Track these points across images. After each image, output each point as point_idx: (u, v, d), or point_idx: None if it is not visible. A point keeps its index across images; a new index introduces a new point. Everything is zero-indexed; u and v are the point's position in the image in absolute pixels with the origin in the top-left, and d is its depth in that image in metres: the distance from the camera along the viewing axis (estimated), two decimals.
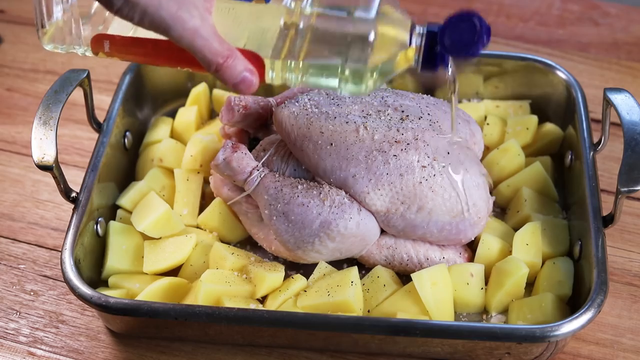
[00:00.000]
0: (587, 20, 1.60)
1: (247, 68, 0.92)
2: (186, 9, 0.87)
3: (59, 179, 1.10)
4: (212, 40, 0.89)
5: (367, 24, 0.92)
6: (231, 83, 0.92)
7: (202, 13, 0.89)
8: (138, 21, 0.87)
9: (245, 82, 0.93)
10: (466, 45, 0.93)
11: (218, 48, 0.90)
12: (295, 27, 0.93)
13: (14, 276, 1.19)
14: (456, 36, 0.93)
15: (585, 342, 1.11)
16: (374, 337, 1.04)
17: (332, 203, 1.09)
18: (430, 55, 0.95)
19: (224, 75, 0.91)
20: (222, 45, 0.90)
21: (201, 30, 0.88)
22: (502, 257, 1.14)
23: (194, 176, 1.24)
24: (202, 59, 0.90)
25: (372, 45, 0.92)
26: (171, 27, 0.87)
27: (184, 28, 0.88)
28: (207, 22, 0.89)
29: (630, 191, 1.04)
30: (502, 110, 1.34)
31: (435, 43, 0.94)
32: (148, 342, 1.11)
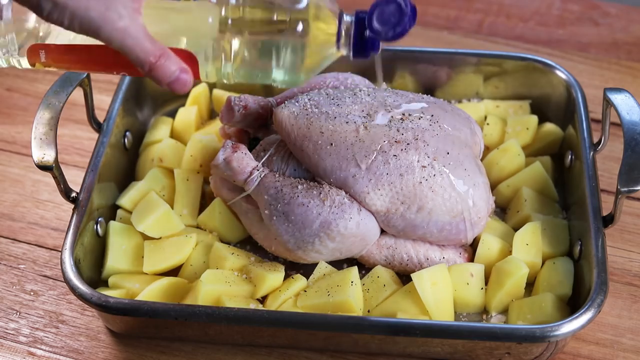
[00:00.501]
0: (587, 20, 1.60)
1: (180, 67, 0.92)
2: (114, 9, 0.87)
3: (59, 179, 1.10)
4: (142, 39, 0.89)
5: (298, 15, 0.93)
6: (165, 82, 0.92)
7: (130, 13, 0.89)
8: (68, 25, 0.87)
9: (179, 81, 0.92)
10: (394, 26, 0.94)
11: (149, 47, 0.90)
12: (228, 23, 0.93)
13: (14, 276, 1.19)
14: (384, 19, 0.95)
15: (585, 342, 1.11)
16: (374, 337, 1.04)
17: (332, 203, 1.09)
18: (361, 42, 0.97)
19: (157, 74, 0.91)
20: (153, 44, 0.90)
21: (130, 30, 0.88)
22: (502, 257, 1.14)
23: (194, 176, 1.24)
24: (135, 59, 0.90)
25: (304, 37, 0.93)
26: (100, 28, 0.87)
27: (113, 28, 0.87)
28: (137, 22, 0.89)
29: (630, 191, 1.04)
30: (502, 110, 1.34)
31: (365, 28, 0.96)
32: (148, 342, 1.11)
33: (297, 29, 0.93)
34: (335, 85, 1.24)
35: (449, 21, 1.60)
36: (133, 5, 0.89)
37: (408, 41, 1.53)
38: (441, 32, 1.57)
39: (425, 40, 1.55)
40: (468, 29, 1.58)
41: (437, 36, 1.56)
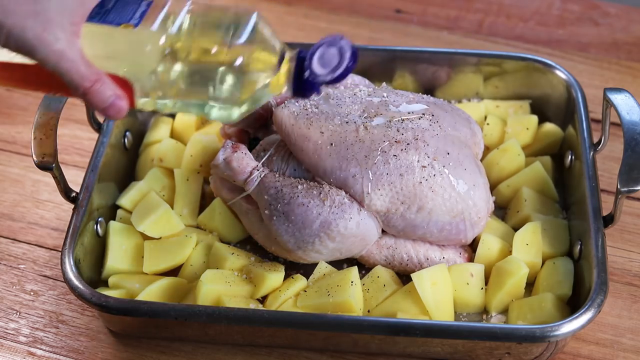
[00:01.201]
0: (587, 20, 1.60)
1: (115, 93, 0.91)
2: (52, 31, 0.87)
3: (59, 179, 1.10)
4: (78, 63, 0.89)
5: (238, 50, 0.91)
6: (99, 108, 0.91)
7: (68, 36, 0.88)
8: (4, 43, 0.87)
9: (113, 108, 0.91)
10: (334, 70, 0.93)
11: (85, 72, 0.89)
12: (166, 54, 0.91)
13: (14, 276, 1.19)
14: (324, 61, 0.93)
15: (585, 342, 1.11)
16: (374, 337, 1.04)
17: (332, 203, 1.09)
18: (300, 82, 0.95)
19: (92, 99, 0.90)
20: (89, 69, 0.89)
21: (67, 53, 0.88)
22: (502, 257, 1.14)
23: (194, 176, 1.24)
24: (69, 82, 0.89)
25: (242, 72, 0.91)
26: (36, 49, 0.87)
27: (49, 50, 0.87)
28: (74, 46, 0.89)
29: (630, 191, 1.04)
30: (502, 110, 1.34)
31: (305, 69, 0.94)
32: (148, 342, 1.11)
33: (235, 64, 0.91)
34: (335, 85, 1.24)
35: (449, 21, 1.60)
36: (71, 29, 0.89)
37: (408, 41, 1.55)
38: (441, 32, 1.57)
39: (425, 40, 1.55)
40: (468, 29, 1.58)
41: (437, 36, 1.56)
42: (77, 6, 0.89)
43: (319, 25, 1.58)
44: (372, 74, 1.31)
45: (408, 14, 1.61)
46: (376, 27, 1.58)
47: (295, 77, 0.94)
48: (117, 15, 0.91)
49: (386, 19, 1.60)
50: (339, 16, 1.60)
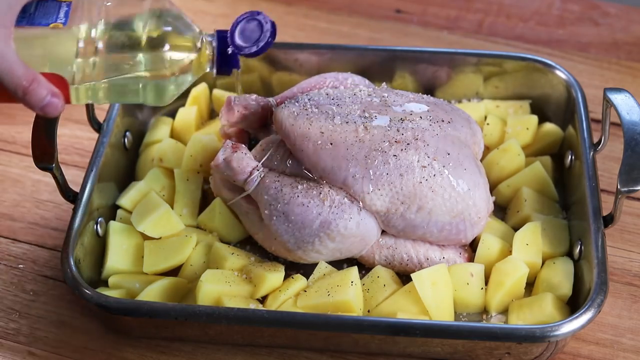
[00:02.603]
0: (587, 20, 1.60)
1: (51, 91, 0.94)
2: None
3: (59, 179, 1.10)
4: (16, 64, 0.91)
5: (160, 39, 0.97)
6: (37, 107, 0.94)
7: (3, 38, 0.91)
8: None
9: (51, 105, 0.95)
10: (256, 42, 1.02)
11: (22, 72, 0.92)
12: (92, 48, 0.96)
13: (14, 276, 1.19)
14: (245, 36, 1.02)
15: (585, 342, 1.11)
16: (374, 337, 1.04)
17: (332, 203, 1.09)
18: (223, 59, 1.02)
19: (30, 99, 0.93)
20: (25, 69, 0.92)
21: (4, 54, 0.91)
22: (502, 257, 1.14)
23: (194, 176, 1.24)
24: (8, 83, 0.92)
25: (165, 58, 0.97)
26: None
27: None
28: (9, 47, 0.91)
29: (630, 191, 1.04)
30: (502, 110, 1.34)
31: (227, 45, 1.02)
32: (148, 342, 1.11)
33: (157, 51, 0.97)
34: (335, 85, 1.24)
35: (449, 21, 1.60)
36: (4, 32, 0.91)
37: (408, 41, 1.55)
38: (441, 32, 1.57)
39: (425, 40, 1.55)
40: (468, 29, 1.58)
41: (437, 36, 1.56)
42: (6, 12, 0.92)
43: (319, 25, 1.59)
44: (372, 74, 1.31)
45: (408, 14, 1.61)
46: (376, 27, 1.58)
47: (218, 55, 1.02)
48: (43, 17, 0.96)
49: (386, 19, 1.60)
50: (339, 16, 1.60)
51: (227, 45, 1.02)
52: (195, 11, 1.62)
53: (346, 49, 1.35)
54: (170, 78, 0.98)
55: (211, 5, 1.63)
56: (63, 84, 0.96)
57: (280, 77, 1.36)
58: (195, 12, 1.62)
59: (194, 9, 1.62)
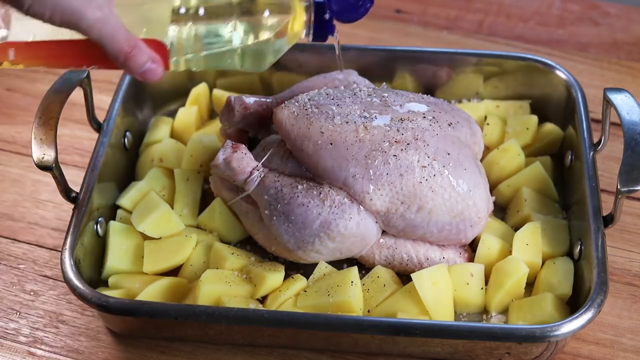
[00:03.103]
0: (587, 20, 1.60)
1: (151, 57, 0.95)
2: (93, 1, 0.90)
3: (59, 179, 1.10)
4: (119, 29, 0.92)
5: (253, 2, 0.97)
6: (138, 72, 0.95)
7: (107, 3, 0.92)
8: (49, 16, 0.89)
9: (151, 71, 0.95)
10: (353, 8, 1.00)
11: (125, 36, 0.93)
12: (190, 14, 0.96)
13: (14, 276, 1.19)
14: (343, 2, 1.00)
15: (585, 342, 1.11)
16: (374, 337, 1.04)
17: (332, 203, 1.09)
18: (319, 24, 1.01)
19: (131, 64, 0.94)
20: (127, 35, 0.93)
21: (109, 20, 0.91)
22: (502, 257, 1.14)
23: (194, 176, 1.24)
24: (111, 49, 0.92)
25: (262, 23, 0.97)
26: (81, 18, 0.90)
27: (93, 19, 0.90)
28: (113, 13, 0.92)
29: (630, 191, 1.04)
30: (502, 110, 1.34)
31: (324, 11, 1.00)
32: (148, 342, 1.11)
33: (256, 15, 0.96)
34: (335, 85, 1.24)
35: (449, 21, 1.60)
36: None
37: (408, 41, 1.55)
38: (441, 32, 1.57)
39: (425, 40, 1.55)
40: (468, 29, 1.58)
41: (437, 36, 1.56)
42: None
43: None
44: (372, 74, 1.31)
45: (408, 14, 1.61)
46: (376, 27, 1.58)
47: (315, 20, 1.00)
48: None
49: (386, 19, 1.60)
50: None
51: (324, 11, 1.00)
52: None
53: (346, 49, 1.35)
54: (268, 43, 0.97)
55: None
56: (163, 51, 0.96)
57: (280, 77, 1.36)
58: None
59: None
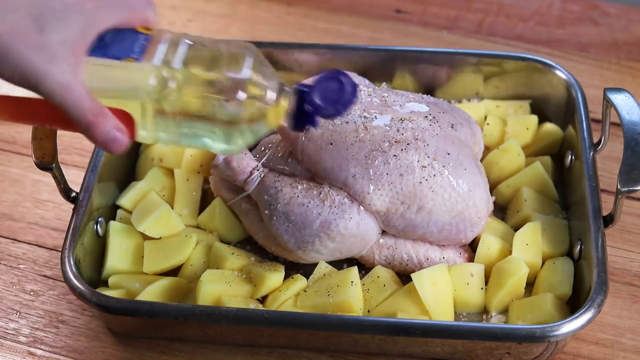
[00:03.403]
0: (587, 20, 1.60)
1: (116, 126, 0.90)
2: (57, 63, 0.85)
3: (59, 179, 1.10)
4: (83, 96, 0.87)
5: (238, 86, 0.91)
6: (101, 141, 0.90)
7: (72, 69, 0.86)
8: (8, 76, 0.84)
9: (115, 141, 0.90)
10: (334, 103, 0.94)
11: (89, 104, 0.87)
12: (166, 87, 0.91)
13: (14, 276, 1.19)
14: (324, 95, 0.94)
15: (585, 342, 1.11)
16: (374, 337, 1.04)
17: (332, 203, 1.09)
18: (300, 115, 0.95)
19: (94, 133, 0.89)
20: (92, 102, 0.88)
21: (72, 85, 0.86)
22: (502, 257, 1.14)
23: (194, 176, 1.24)
24: (73, 116, 0.88)
25: (243, 107, 0.91)
26: (42, 82, 0.85)
27: (54, 83, 0.85)
28: (78, 78, 0.87)
29: (630, 191, 1.04)
30: (502, 110, 1.34)
31: (305, 102, 0.95)
32: (148, 342, 1.11)
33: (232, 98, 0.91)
34: None
35: (449, 21, 1.60)
36: (75, 61, 0.87)
37: (408, 41, 1.55)
38: (441, 32, 1.57)
39: (425, 40, 1.55)
40: (468, 29, 1.58)
41: (437, 36, 1.56)
42: (79, 39, 0.87)
43: (319, 25, 1.58)
44: (372, 74, 1.31)
45: (408, 14, 1.61)
46: (376, 27, 1.58)
47: (295, 111, 0.95)
48: (117, 49, 0.90)
49: (386, 19, 1.60)
50: (339, 16, 1.60)
51: (305, 102, 0.95)
52: (195, 11, 1.62)
53: (346, 49, 1.35)
54: (244, 128, 0.93)
55: (211, 5, 1.63)
56: (130, 121, 0.91)
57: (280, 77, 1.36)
58: (195, 12, 1.62)
59: (194, 9, 1.62)
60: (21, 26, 0.83)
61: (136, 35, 0.92)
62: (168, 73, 0.91)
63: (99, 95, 0.90)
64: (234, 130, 0.92)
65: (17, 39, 0.83)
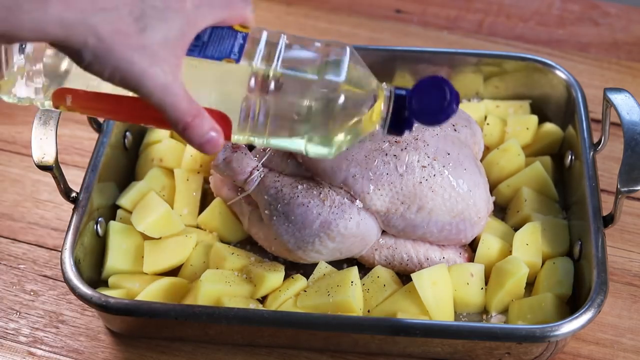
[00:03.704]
0: (587, 20, 1.60)
1: (213, 128, 0.89)
2: (158, 65, 0.84)
3: (59, 179, 1.10)
4: (181, 98, 0.86)
5: (336, 88, 0.89)
6: (197, 143, 0.89)
7: (173, 70, 0.85)
8: (109, 77, 0.83)
9: (210, 143, 0.89)
10: (435, 113, 0.89)
11: (187, 106, 0.87)
12: (263, 89, 0.89)
13: (14, 276, 1.19)
14: (425, 102, 0.90)
15: (585, 342, 1.11)
16: (374, 337, 1.04)
17: (332, 203, 1.09)
18: (397, 119, 0.92)
19: (191, 134, 0.88)
20: (190, 103, 0.87)
21: (172, 87, 0.85)
22: (502, 257, 1.14)
23: (194, 176, 1.24)
24: (171, 117, 0.87)
25: (340, 110, 0.89)
26: (142, 84, 0.84)
27: (155, 85, 0.84)
28: (178, 80, 0.86)
29: (630, 191, 1.04)
30: (502, 110, 1.34)
31: (404, 107, 0.91)
32: (148, 342, 1.11)
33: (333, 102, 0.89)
34: None
35: (449, 21, 1.60)
36: (175, 62, 0.86)
37: (408, 41, 1.55)
38: (441, 32, 1.57)
39: (425, 40, 1.55)
40: (468, 29, 1.58)
41: (437, 36, 1.56)
42: (179, 39, 0.86)
43: (319, 25, 1.59)
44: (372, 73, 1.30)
45: (408, 14, 1.61)
46: (376, 27, 1.58)
47: (393, 114, 0.92)
48: (216, 49, 0.89)
49: (386, 19, 1.60)
50: (339, 16, 1.60)
51: (403, 107, 0.91)
52: None
53: None
54: (339, 131, 0.90)
55: None
56: (226, 122, 0.90)
57: None
58: None
59: None
60: (123, 26, 0.82)
61: (234, 34, 0.91)
62: (267, 74, 0.89)
63: (197, 95, 0.88)
64: (329, 133, 0.90)
65: (119, 40, 0.82)
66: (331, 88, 0.89)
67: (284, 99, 0.90)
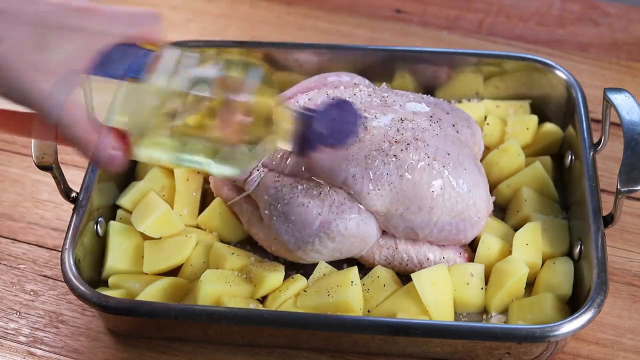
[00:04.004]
0: (587, 20, 1.60)
1: (112, 146, 0.89)
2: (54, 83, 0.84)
3: (59, 179, 1.10)
4: (79, 116, 0.87)
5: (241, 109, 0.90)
6: (94, 160, 0.90)
7: (70, 88, 0.85)
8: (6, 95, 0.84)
9: (110, 161, 0.90)
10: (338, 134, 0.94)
11: (85, 125, 0.87)
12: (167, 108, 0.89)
13: (14, 276, 1.19)
14: (329, 124, 0.94)
15: (585, 342, 1.11)
16: (374, 337, 1.04)
17: (332, 203, 1.09)
18: (303, 140, 0.95)
19: (88, 152, 0.89)
20: (89, 122, 0.87)
21: (69, 106, 0.85)
22: (502, 257, 1.14)
23: (194, 176, 1.24)
24: (68, 134, 0.87)
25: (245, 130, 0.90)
26: (38, 102, 0.84)
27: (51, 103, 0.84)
28: (75, 98, 0.86)
29: (630, 191, 1.04)
30: (502, 110, 1.34)
31: (309, 129, 0.94)
32: (148, 342, 1.11)
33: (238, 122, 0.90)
34: (336, 85, 1.24)
35: (449, 21, 1.60)
36: (74, 79, 0.86)
37: (408, 41, 1.55)
38: (441, 32, 1.57)
39: (425, 40, 1.55)
40: (468, 29, 1.58)
41: (437, 36, 1.56)
42: (80, 57, 0.86)
43: (319, 25, 1.59)
44: (372, 74, 1.31)
45: (408, 14, 1.61)
46: (376, 27, 1.58)
47: (298, 136, 0.95)
48: (121, 67, 0.89)
49: (386, 19, 1.60)
50: (339, 16, 1.60)
51: (307, 128, 0.94)
52: (195, 11, 1.62)
53: (346, 49, 1.35)
54: (245, 150, 0.91)
55: (211, 5, 1.63)
56: (127, 140, 0.91)
57: (280, 77, 1.36)
58: (195, 12, 1.62)
59: (193, 9, 1.62)
60: (22, 45, 0.83)
61: (141, 52, 0.91)
62: (170, 94, 0.89)
63: (101, 113, 0.89)
64: (234, 155, 0.91)
65: (16, 58, 0.83)
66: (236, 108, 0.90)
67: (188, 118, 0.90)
